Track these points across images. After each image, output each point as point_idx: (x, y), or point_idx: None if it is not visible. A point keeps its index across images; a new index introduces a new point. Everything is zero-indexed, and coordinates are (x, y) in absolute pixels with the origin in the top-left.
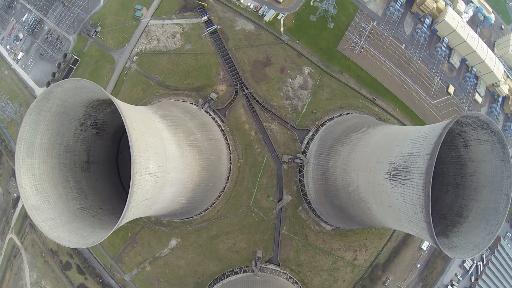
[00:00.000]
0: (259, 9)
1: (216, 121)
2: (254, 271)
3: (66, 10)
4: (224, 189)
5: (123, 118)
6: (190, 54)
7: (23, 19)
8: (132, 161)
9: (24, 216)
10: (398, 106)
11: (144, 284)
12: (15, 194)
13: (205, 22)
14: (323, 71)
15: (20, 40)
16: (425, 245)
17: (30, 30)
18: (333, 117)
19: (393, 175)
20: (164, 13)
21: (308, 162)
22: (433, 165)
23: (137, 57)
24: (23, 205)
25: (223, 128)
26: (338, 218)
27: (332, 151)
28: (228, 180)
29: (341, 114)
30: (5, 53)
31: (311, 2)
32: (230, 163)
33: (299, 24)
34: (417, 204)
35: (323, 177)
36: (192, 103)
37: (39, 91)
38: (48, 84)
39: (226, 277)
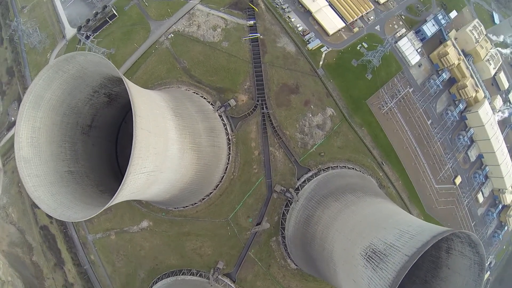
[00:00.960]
0: (306, 34)
1: (225, 128)
2: (209, 279)
3: None
4: (210, 194)
5: (134, 117)
6: (224, 53)
7: None
8: (130, 162)
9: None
10: (402, 179)
11: (103, 250)
12: (13, 118)
13: (250, 26)
14: (344, 119)
15: None
16: None
17: None
18: (337, 166)
19: (368, 255)
20: (214, 2)
21: (298, 201)
22: (408, 268)
23: (172, 35)
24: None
25: (230, 137)
26: (305, 263)
27: (323, 201)
28: (217, 187)
29: (346, 166)
30: None
31: (358, 46)
32: (224, 173)
33: (339, 63)
34: None
35: (306, 221)
36: (209, 102)
37: (69, 31)
38: (79, 28)
39: (182, 274)
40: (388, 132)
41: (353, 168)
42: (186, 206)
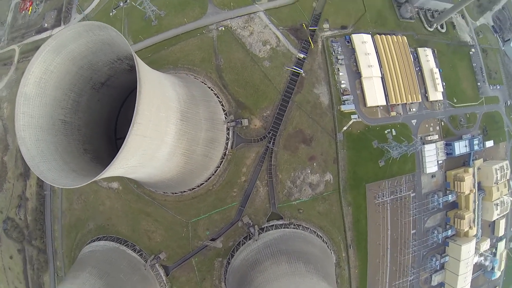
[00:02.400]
0: (346, 94)
1: (226, 143)
2: (146, 262)
3: None
4: (184, 192)
5: (132, 124)
6: (262, 72)
7: None
8: (115, 158)
9: (36, 47)
10: (360, 269)
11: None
12: (46, 24)
13: (298, 59)
14: (338, 190)
15: None
16: None
17: None
18: (309, 228)
19: None
20: (277, 18)
21: (256, 240)
22: None
23: (223, 29)
24: (43, 44)
25: (226, 153)
26: None
27: (277, 256)
28: (192, 190)
29: (316, 233)
30: None
31: (387, 131)
32: (205, 182)
33: (361, 138)
34: None
35: (253, 264)
36: (224, 111)
37: None
38: None
39: (125, 245)
40: (370, 222)
41: (321, 238)
42: (157, 191)
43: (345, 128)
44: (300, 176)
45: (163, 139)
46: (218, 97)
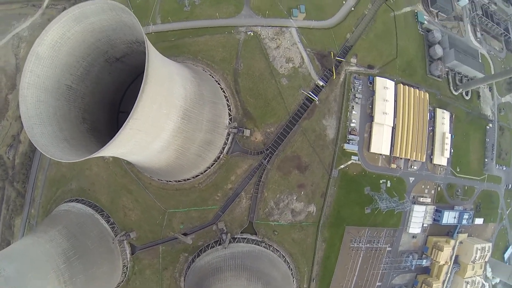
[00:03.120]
0: (353, 134)
1: (223, 148)
2: (115, 236)
3: None
4: (168, 182)
5: (128, 118)
6: (277, 88)
7: None
8: (103, 147)
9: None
10: None
11: None
12: None
13: (316, 85)
14: (317, 225)
15: None
16: None
17: None
18: (279, 252)
19: None
20: (308, 38)
21: (225, 248)
22: None
23: (251, 34)
24: (65, 10)
25: (220, 157)
26: None
27: (239, 270)
28: (178, 182)
29: (285, 258)
30: None
31: (382, 181)
32: (193, 178)
33: (355, 180)
34: None
35: (214, 271)
36: (230, 115)
37: None
38: None
39: (100, 214)
40: (340, 262)
41: (288, 264)
42: (144, 173)
43: (342, 166)
44: (285, 199)
45: (159, 135)
46: (228, 100)
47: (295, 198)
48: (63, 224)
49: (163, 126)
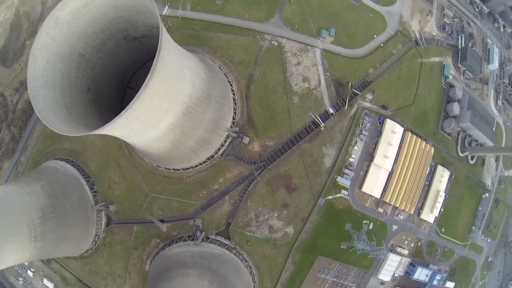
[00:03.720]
0: (349, 169)
1: (219, 149)
2: (95, 205)
3: None
4: (158, 167)
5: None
6: (286, 105)
7: None
8: (98, 129)
9: None
10: None
11: None
12: None
13: (326, 111)
14: (291, 246)
15: None
16: None
17: None
18: (248, 262)
19: None
20: (329, 63)
21: (196, 245)
22: None
23: (275, 44)
24: None
25: (213, 157)
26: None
27: (204, 270)
28: (167, 170)
29: (251, 270)
30: None
31: (365, 221)
32: (182, 170)
33: (339, 215)
34: None
35: (179, 265)
36: (234, 119)
37: None
38: None
39: (86, 180)
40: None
41: (253, 277)
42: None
43: (330, 197)
44: (266, 214)
45: (156, 126)
46: (235, 104)
47: (276, 215)
48: (48, 181)
49: (162, 119)
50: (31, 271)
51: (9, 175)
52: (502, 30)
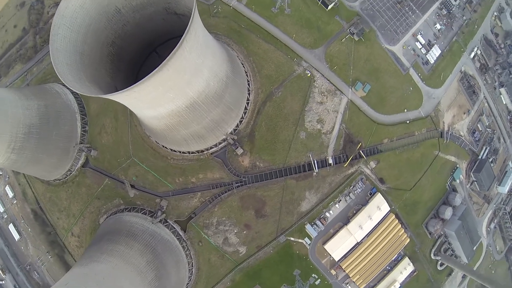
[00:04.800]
0: (321, 222)
1: (211, 147)
2: (80, 143)
3: None
4: (150, 137)
5: (131, 88)
6: (291, 136)
7: None
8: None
9: None
10: None
11: None
12: None
13: (325, 159)
14: (236, 265)
15: None
16: None
17: None
18: (190, 254)
19: None
20: (351, 115)
21: (152, 223)
22: None
23: (308, 75)
24: None
25: (204, 153)
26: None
27: (147, 246)
28: (157, 143)
29: (192, 266)
30: None
31: (313, 275)
32: (170, 151)
33: (293, 257)
34: None
35: (128, 232)
36: (237, 127)
37: None
38: None
39: (80, 114)
40: None
41: (190, 275)
42: None
43: (292, 239)
44: (226, 226)
45: (154, 108)
46: (245, 113)
47: (235, 231)
48: (46, 103)
49: (163, 105)
50: None
51: (15, 78)
52: None
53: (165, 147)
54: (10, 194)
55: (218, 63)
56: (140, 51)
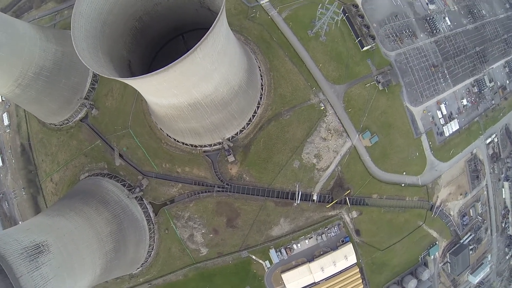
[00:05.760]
0: (286, 251)
1: (204, 146)
2: (81, 97)
3: None
4: (150, 117)
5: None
6: (284, 162)
7: None
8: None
9: None
10: None
11: None
12: None
13: (310, 195)
14: (192, 263)
15: None
16: None
17: None
18: (154, 237)
19: None
20: (349, 161)
21: (127, 197)
22: None
23: (321, 108)
24: None
25: (197, 147)
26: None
27: (116, 217)
28: (155, 124)
29: (152, 249)
30: None
31: None
32: (166, 135)
33: (248, 274)
34: None
35: (101, 199)
36: (236, 134)
37: None
38: None
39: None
40: None
41: (148, 257)
42: None
43: (253, 257)
44: (196, 224)
45: (157, 97)
46: (247, 124)
47: (203, 231)
48: (64, 49)
49: (165, 97)
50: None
51: (44, 15)
52: (508, 257)
53: (162, 130)
54: (6, 122)
55: (234, 71)
56: (165, 33)
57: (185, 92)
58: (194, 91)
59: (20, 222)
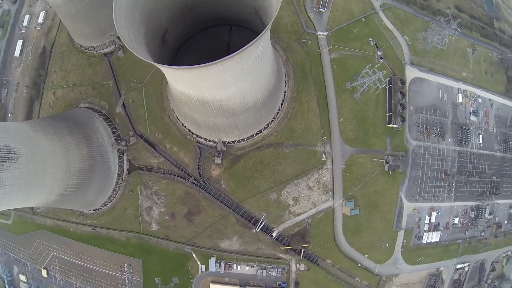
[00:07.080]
0: (228, 263)
1: (200, 137)
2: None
3: None
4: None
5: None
6: (263, 187)
7: None
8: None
9: None
10: None
11: None
12: None
13: (272, 229)
14: (140, 232)
15: None
16: None
17: None
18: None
19: None
20: (320, 220)
21: (110, 145)
22: None
23: (323, 159)
24: None
25: (192, 134)
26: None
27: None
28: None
29: (116, 191)
30: None
31: None
32: (172, 111)
33: (183, 269)
34: None
35: (87, 139)
36: (235, 142)
37: None
38: None
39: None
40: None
41: (105, 204)
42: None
43: (194, 255)
44: (159, 201)
45: (170, 80)
46: (247, 139)
47: (161, 210)
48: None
49: (177, 83)
50: None
51: None
52: None
53: (170, 103)
54: (40, 20)
55: (254, 89)
56: (210, 19)
57: (196, 90)
58: (206, 93)
59: (9, 115)
